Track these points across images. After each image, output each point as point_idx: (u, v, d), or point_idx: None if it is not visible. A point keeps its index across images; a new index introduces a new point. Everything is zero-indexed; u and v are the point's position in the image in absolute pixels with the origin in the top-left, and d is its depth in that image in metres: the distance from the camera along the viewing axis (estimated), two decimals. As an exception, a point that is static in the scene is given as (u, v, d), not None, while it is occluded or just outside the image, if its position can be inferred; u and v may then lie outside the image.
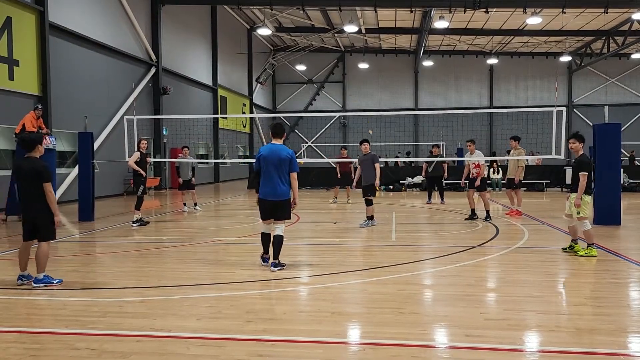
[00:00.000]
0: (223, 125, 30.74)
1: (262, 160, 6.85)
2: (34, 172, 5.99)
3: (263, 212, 6.97)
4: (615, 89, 37.78)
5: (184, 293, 5.82)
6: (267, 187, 6.83)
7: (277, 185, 6.78)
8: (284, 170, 6.78)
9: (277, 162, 6.75)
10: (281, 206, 6.85)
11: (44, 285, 6.03)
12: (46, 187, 6.02)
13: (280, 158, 6.76)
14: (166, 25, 24.18)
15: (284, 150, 6.84)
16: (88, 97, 18.39)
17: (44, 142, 12.08)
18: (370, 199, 11.05)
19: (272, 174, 6.78)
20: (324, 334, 4.45)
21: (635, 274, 6.65)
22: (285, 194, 6.83)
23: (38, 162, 6.13)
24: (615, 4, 23.51)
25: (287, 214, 6.95)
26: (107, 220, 12.53)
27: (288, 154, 6.82)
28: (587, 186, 7.42)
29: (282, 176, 6.79)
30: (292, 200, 6.94)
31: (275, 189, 6.79)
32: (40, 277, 6.08)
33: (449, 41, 35.35)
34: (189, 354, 4.04)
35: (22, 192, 6.12)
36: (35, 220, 6.11)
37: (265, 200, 6.86)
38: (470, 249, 8.34)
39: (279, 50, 39.30)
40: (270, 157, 6.79)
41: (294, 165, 6.83)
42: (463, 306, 5.18)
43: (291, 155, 6.86)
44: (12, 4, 14.81)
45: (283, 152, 6.80)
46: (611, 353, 4.02)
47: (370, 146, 11.31)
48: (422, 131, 37.97)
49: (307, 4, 25.55)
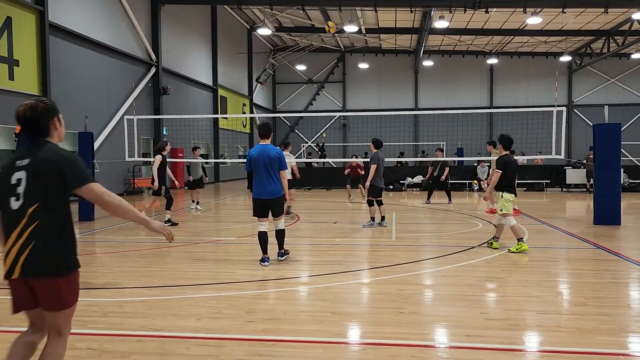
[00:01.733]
0: (223, 125, 30.75)
1: (253, 162, 7.15)
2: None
3: (258, 210, 7.24)
4: (615, 89, 37.78)
5: (184, 293, 5.82)
6: (259, 187, 7.14)
7: (268, 184, 7.09)
8: (274, 169, 7.08)
9: (267, 161, 7.07)
10: (274, 204, 7.19)
11: None
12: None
13: (270, 157, 7.07)
14: (166, 25, 24.19)
15: (272, 150, 7.16)
16: (88, 97, 18.39)
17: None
18: (372, 200, 11.07)
19: (262, 174, 7.08)
20: (324, 334, 4.45)
21: (635, 274, 6.65)
22: (276, 192, 7.14)
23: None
24: (615, 4, 23.51)
25: (281, 209, 7.32)
26: (107, 220, 12.53)
27: (277, 153, 7.14)
28: (508, 186, 8.05)
29: (272, 175, 7.10)
30: (284, 196, 7.28)
31: (266, 187, 7.10)
32: None
33: (449, 41, 35.35)
34: (189, 354, 4.04)
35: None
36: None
37: (259, 199, 7.17)
38: (470, 249, 8.34)
39: (279, 50, 39.30)
40: (260, 158, 7.08)
41: (282, 163, 7.18)
42: (463, 306, 5.18)
43: (279, 154, 7.18)
44: (12, 4, 14.81)
45: (272, 152, 7.12)
46: (611, 353, 4.02)
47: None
48: (422, 131, 37.97)
49: (307, 4, 25.55)
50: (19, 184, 2.81)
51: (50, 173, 2.80)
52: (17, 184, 2.81)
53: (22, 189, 2.80)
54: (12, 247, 2.79)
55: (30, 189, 2.80)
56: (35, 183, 2.80)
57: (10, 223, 2.81)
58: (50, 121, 2.96)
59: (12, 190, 2.81)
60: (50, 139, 2.95)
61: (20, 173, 2.82)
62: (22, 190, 2.80)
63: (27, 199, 2.79)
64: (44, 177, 2.80)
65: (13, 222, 2.80)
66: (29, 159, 2.84)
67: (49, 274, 2.79)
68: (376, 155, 10.85)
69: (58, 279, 2.81)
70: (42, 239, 2.77)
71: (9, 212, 2.82)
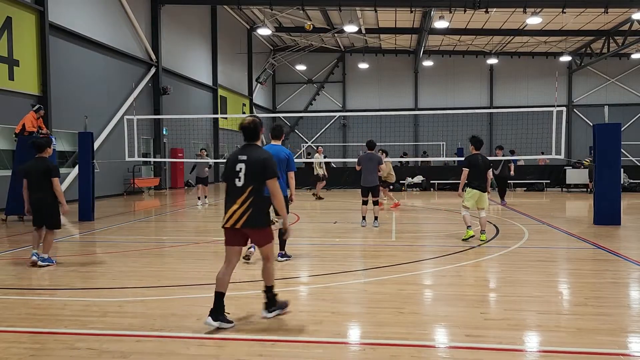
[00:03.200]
0: (223, 125, 30.74)
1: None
2: (45, 170, 7.18)
3: None
4: (615, 89, 37.77)
5: (184, 293, 5.82)
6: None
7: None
8: (282, 169, 7.11)
9: (281, 161, 7.11)
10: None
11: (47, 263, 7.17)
12: (54, 181, 7.22)
13: (280, 158, 7.10)
14: (166, 25, 24.19)
15: (282, 151, 7.29)
16: (88, 97, 18.39)
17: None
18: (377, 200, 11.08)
19: None
20: (324, 334, 4.45)
21: (635, 274, 6.65)
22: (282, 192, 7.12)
23: (48, 161, 7.38)
24: (615, 4, 23.52)
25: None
26: (107, 220, 12.53)
27: (286, 154, 7.27)
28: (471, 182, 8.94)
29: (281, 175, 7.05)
30: (289, 197, 7.27)
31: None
32: (45, 257, 7.24)
33: (449, 41, 35.35)
34: (189, 354, 4.04)
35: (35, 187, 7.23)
36: (42, 211, 7.27)
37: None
38: (470, 249, 8.34)
39: (279, 50, 39.29)
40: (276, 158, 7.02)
41: (291, 165, 7.28)
42: (463, 306, 5.18)
43: (289, 155, 7.30)
44: (12, 4, 14.81)
45: (282, 153, 7.23)
46: (611, 353, 4.02)
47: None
48: (422, 131, 37.96)
49: (307, 4, 25.55)
50: (240, 171, 4.52)
51: (258, 166, 4.51)
52: (239, 171, 4.52)
53: (242, 174, 4.50)
54: (237, 210, 4.48)
55: (247, 175, 4.50)
56: (250, 171, 4.51)
57: (235, 194, 4.52)
58: (260, 131, 4.75)
59: (236, 174, 4.53)
60: (258, 143, 4.72)
61: (241, 164, 4.53)
62: (242, 175, 4.50)
63: (246, 181, 4.50)
64: (255, 168, 4.52)
65: (236, 194, 4.50)
66: (247, 156, 4.56)
67: (258, 226, 4.56)
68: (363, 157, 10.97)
69: (262, 229, 4.60)
70: (254, 207, 4.48)
71: (234, 187, 4.54)
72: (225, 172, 4.63)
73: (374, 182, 10.80)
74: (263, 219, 4.60)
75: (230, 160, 4.62)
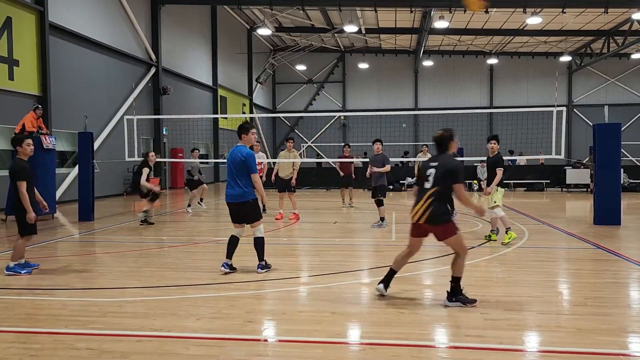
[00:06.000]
0: (223, 125, 30.73)
1: (227, 163, 6.74)
2: (11, 171, 6.60)
3: (231, 216, 6.81)
4: (615, 89, 37.75)
5: (183, 293, 5.82)
6: (227, 189, 6.71)
7: (234, 186, 6.62)
8: (242, 172, 6.56)
9: (235, 163, 6.60)
10: (244, 209, 6.64)
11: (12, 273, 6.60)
12: (18, 185, 6.48)
13: (236, 160, 6.58)
14: (166, 25, 24.18)
15: (240, 152, 6.61)
16: (88, 97, 18.38)
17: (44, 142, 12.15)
18: (382, 200, 11.09)
19: (230, 176, 6.67)
20: (324, 334, 4.44)
21: (635, 274, 6.65)
22: (243, 196, 6.58)
23: (16, 161, 6.65)
24: (615, 4, 23.50)
25: (255, 215, 6.73)
26: (106, 220, 12.53)
27: (242, 156, 6.55)
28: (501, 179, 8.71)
29: (239, 178, 6.58)
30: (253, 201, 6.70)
31: (233, 190, 6.63)
32: (11, 266, 6.67)
33: (449, 41, 35.33)
34: (189, 354, 4.04)
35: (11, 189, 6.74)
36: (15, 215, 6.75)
37: (229, 203, 6.73)
38: (470, 249, 8.32)
39: (279, 50, 39.28)
40: (231, 159, 6.66)
41: (250, 167, 6.56)
42: (463, 306, 5.18)
43: (246, 156, 6.55)
44: (12, 4, 14.81)
45: (239, 154, 6.58)
46: (611, 353, 4.02)
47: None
48: (422, 131, 37.93)
49: (307, 4, 25.54)
50: (430, 175, 5.21)
51: (446, 172, 5.15)
52: (429, 175, 5.22)
53: (432, 177, 5.18)
54: (421, 207, 5.16)
55: (436, 178, 5.16)
56: (438, 175, 5.16)
57: (422, 194, 5.22)
58: (451, 142, 5.39)
59: (426, 177, 5.23)
60: (449, 151, 5.39)
61: (431, 170, 5.23)
62: (432, 179, 5.18)
63: (434, 183, 5.16)
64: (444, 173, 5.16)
65: (423, 194, 5.20)
66: (437, 162, 5.25)
67: (439, 223, 5.15)
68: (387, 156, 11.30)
69: (443, 225, 5.17)
70: (437, 205, 5.11)
71: (423, 188, 5.25)
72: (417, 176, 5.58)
73: (376, 182, 11.22)
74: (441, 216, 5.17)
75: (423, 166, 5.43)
